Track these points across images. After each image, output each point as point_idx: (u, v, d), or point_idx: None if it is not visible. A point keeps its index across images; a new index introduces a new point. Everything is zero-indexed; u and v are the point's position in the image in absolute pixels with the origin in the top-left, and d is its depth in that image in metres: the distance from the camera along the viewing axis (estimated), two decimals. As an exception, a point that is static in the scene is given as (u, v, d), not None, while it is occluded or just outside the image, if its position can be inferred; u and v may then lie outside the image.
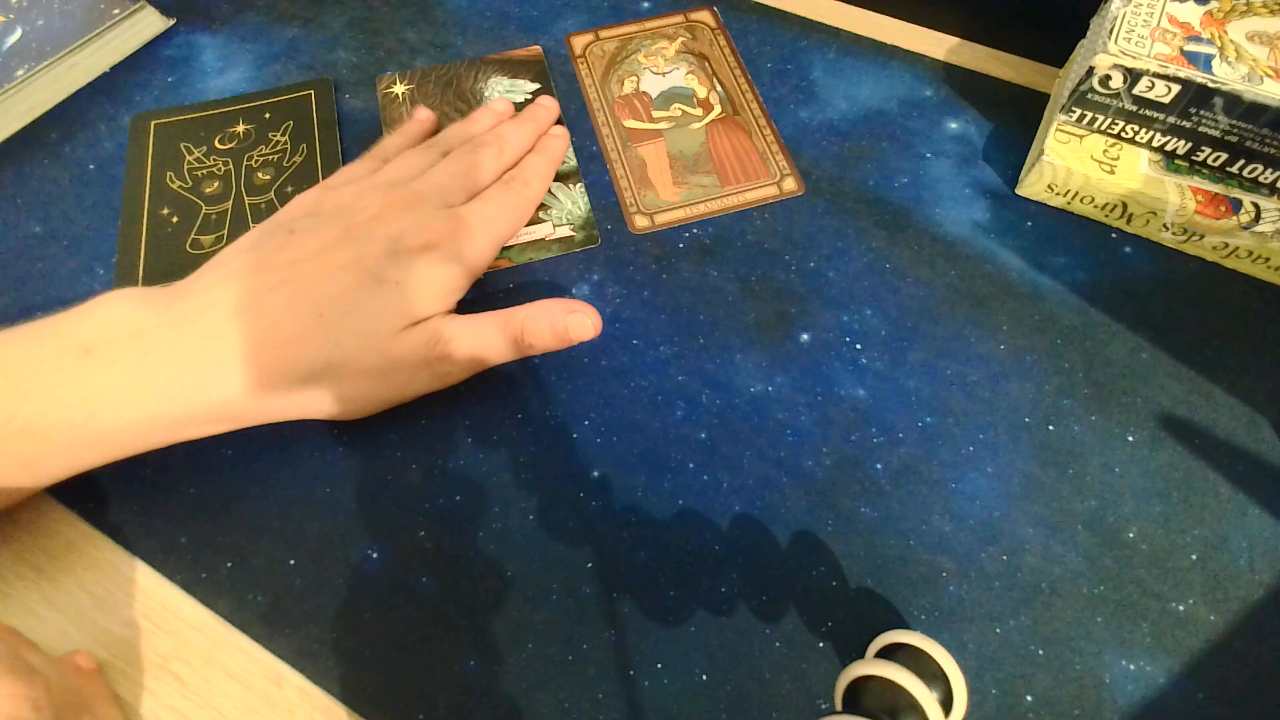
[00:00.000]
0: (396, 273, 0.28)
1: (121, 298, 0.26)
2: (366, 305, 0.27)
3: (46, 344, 0.25)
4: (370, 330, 0.27)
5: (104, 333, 0.25)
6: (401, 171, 0.32)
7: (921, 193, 0.35)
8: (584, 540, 0.27)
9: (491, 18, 0.42)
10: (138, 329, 0.25)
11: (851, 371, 0.31)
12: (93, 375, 0.25)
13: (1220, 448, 0.29)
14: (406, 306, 0.28)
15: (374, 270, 0.28)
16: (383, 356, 0.27)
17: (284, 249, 0.28)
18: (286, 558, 0.27)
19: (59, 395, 0.24)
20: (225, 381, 0.26)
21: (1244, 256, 0.32)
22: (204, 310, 0.26)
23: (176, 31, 0.42)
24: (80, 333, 0.25)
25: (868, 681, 0.21)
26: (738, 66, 0.40)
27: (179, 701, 0.25)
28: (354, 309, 0.27)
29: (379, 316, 0.27)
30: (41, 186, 0.36)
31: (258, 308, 0.26)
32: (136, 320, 0.26)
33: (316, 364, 0.27)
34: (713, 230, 0.35)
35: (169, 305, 0.26)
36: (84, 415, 0.24)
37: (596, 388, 0.30)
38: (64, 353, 0.25)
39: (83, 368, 0.25)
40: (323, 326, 0.27)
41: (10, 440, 0.24)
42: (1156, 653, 0.25)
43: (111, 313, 0.26)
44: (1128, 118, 0.32)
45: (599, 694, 0.25)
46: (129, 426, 0.25)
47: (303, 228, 0.29)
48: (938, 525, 0.28)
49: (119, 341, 0.25)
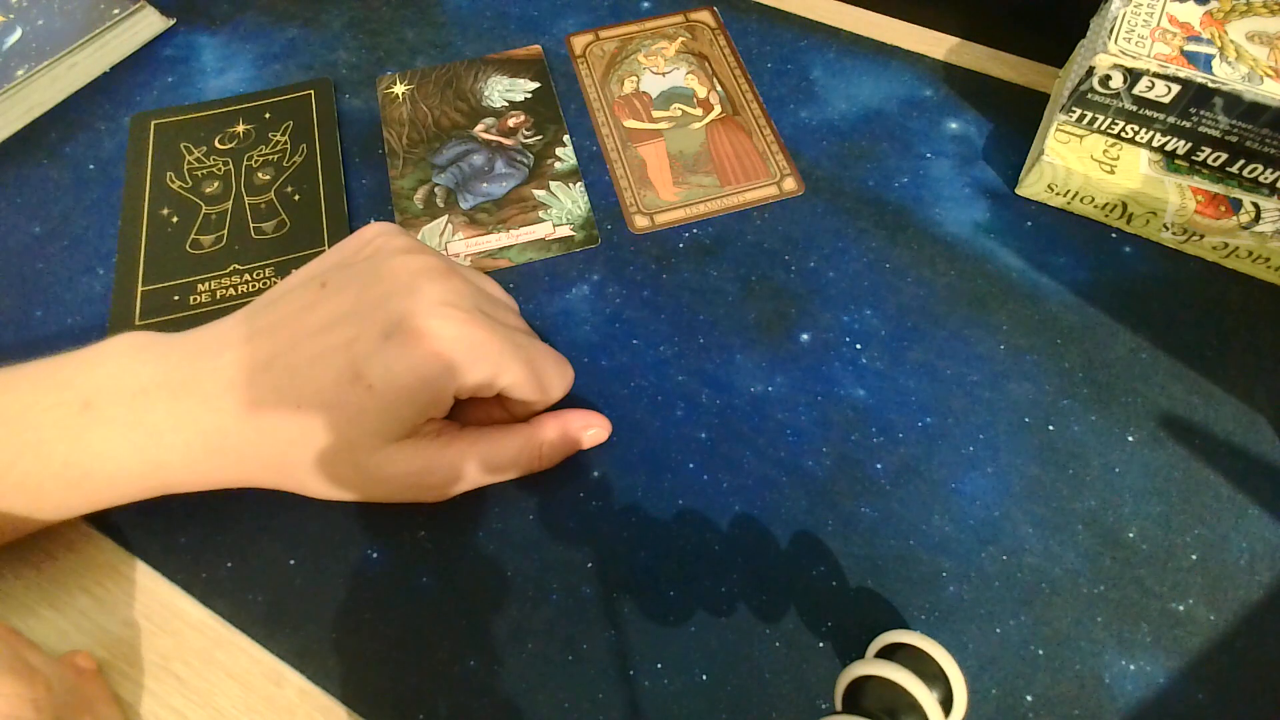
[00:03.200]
0: (378, 370, 0.24)
1: (128, 348, 0.26)
2: (341, 408, 0.24)
3: (47, 395, 0.25)
4: (343, 441, 0.25)
5: (105, 387, 0.25)
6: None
7: (921, 193, 0.35)
8: (584, 540, 0.27)
9: (491, 18, 0.42)
10: (140, 386, 0.25)
11: (851, 371, 0.31)
12: (90, 433, 0.24)
13: (1220, 448, 0.29)
14: (377, 424, 0.25)
15: (357, 363, 0.24)
16: (358, 471, 0.25)
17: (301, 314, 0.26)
18: (286, 558, 0.27)
19: (56, 452, 0.24)
20: (216, 453, 0.25)
21: (1244, 256, 0.32)
22: (205, 377, 0.25)
23: (176, 31, 0.42)
24: (82, 385, 0.25)
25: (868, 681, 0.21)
26: (738, 66, 0.40)
27: (179, 701, 0.25)
28: (330, 409, 0.24)
29: (351, 427, 0.25)
30: (41, 186, 0.36)
31: (249, 387, 0.25)
32: (141, 377, 0.25)
33: (299, 457, 0.25)
34: (713, 230, 0.35)
35: (175, 365, 0.26)
36: (79, 474, 0.24)
37: (596, 388, 0.30)
38: (64, 405, 0.24)
39: (81, 424, 0.24)
40: (301, 422, 0.25)
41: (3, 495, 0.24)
42: (1156, 653, 0.25)
43: (116, 366, 0.25)
44: (1128, 118, 0.32)
45: (599, 694, 0.25)
46: (120, 484, 0.25)
47: (334, 283, 0.26)
48: (938, 525, 0.28)
49: (119, 399, 0.25)
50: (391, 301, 0.25)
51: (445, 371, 0.24)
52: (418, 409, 0.25)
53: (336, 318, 0.25)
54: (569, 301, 0.33)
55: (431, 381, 0.24)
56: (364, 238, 0.28)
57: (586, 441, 0.29)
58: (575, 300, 0.33)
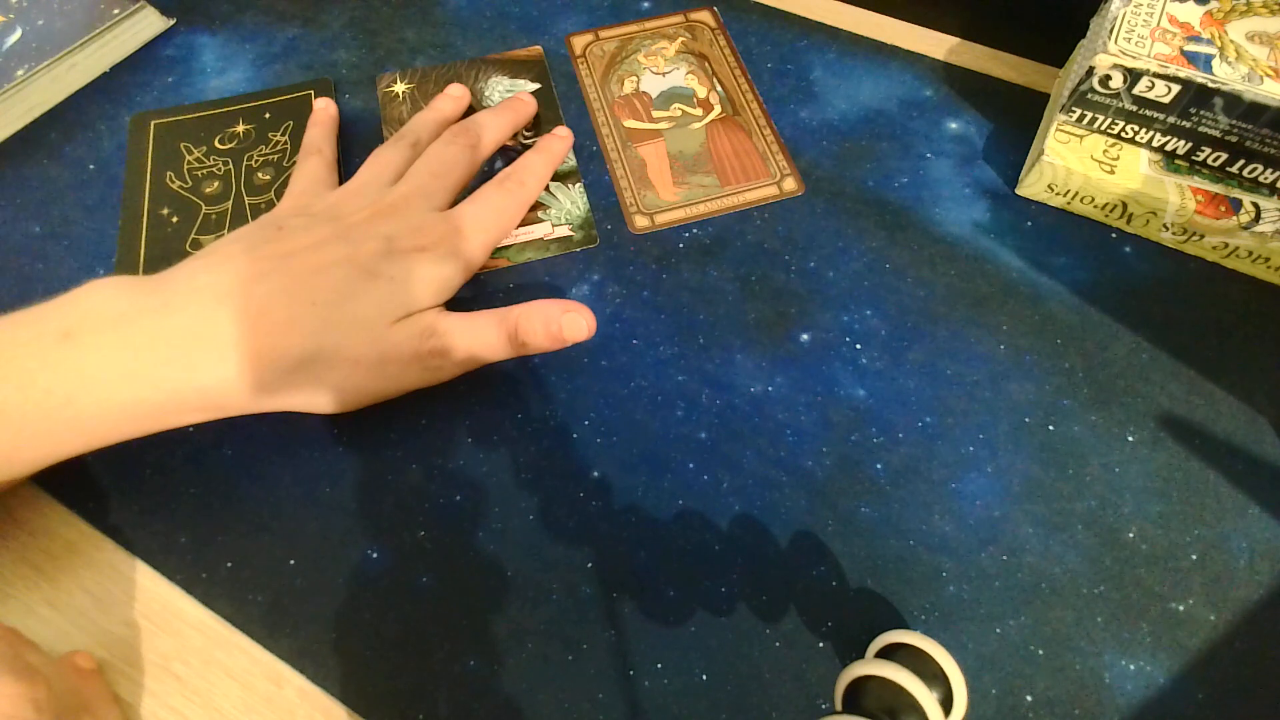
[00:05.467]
0: (391, 269, 0.28)
1: (106, 285, 0.26)
2: (360, 297, 0.27)
3: (25, 329, 0.24)
4: (363, 320, 0.27)
5: (85, 318, 0.25)
6: (379, 171, 0.32)
7: (921, 193, 0.35)
8: (584, 540, 0.27)
9: (491, 18, 0.42)
10: (120, 314, 0.25)
11: (851, 371, 0.31)
12: (72, 360, 0.24)
13: (1220, 448, 0.29)
14: (401, 299, 0.28)
15: (368, 266, 0.28)
16: (374, 346, 0.27)
17: (274, 243, 0.28)
18: (286, 558, 0.27)
19: (36, 380, 0.24)
20: (210, 367, 0.25)
21: (1244, 256, 0.32)
22: (189, 295, 0.26)
23: (176, 31, 0.42)
24: (61, 318, 0.25)
25: (868, 681, 0.21)
26: (738, 66, 0.40)
27: (179, 701, 0.25)
28: (348, 299, 0.27)
29: (373, 307, 0.27)
30: (41, 186, 0.36)
31: (245, 295, 0.26)
32: (119, 305, 0.25)
33: (306, 351, 0.26)
34: (713, 230, 0.35)
35: (153, 292, 0.26)
36: (61, 400, 0.24)
37: (596, 388, 0.30)
38: (42, 337, 0.24)
39: (61, 352, 0.24)
40: (315, 313, 0.26)
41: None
42: (1156, 653, 0.25)
43: (94, 299, 0.25)
44: (1128, 118, 0.32)
45: (599, 694, 0.25)
46: (108, 412, 0.25)
47: (293, 225, 0.29)
48: (938, 525, 0.28)
49: (100, 327, 0.25)
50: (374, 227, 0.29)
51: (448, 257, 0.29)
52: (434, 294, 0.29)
53: (320, 242, 0.28)
54: (569, 301, 0.33)
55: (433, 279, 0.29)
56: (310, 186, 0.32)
57: (566, 325, 0.28)
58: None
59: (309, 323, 0.26)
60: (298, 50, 0.41)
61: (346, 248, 0.28)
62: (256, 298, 0.26)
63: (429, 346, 0.28)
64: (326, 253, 0.28)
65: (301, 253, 0.28)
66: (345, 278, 0.27)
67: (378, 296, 0.27)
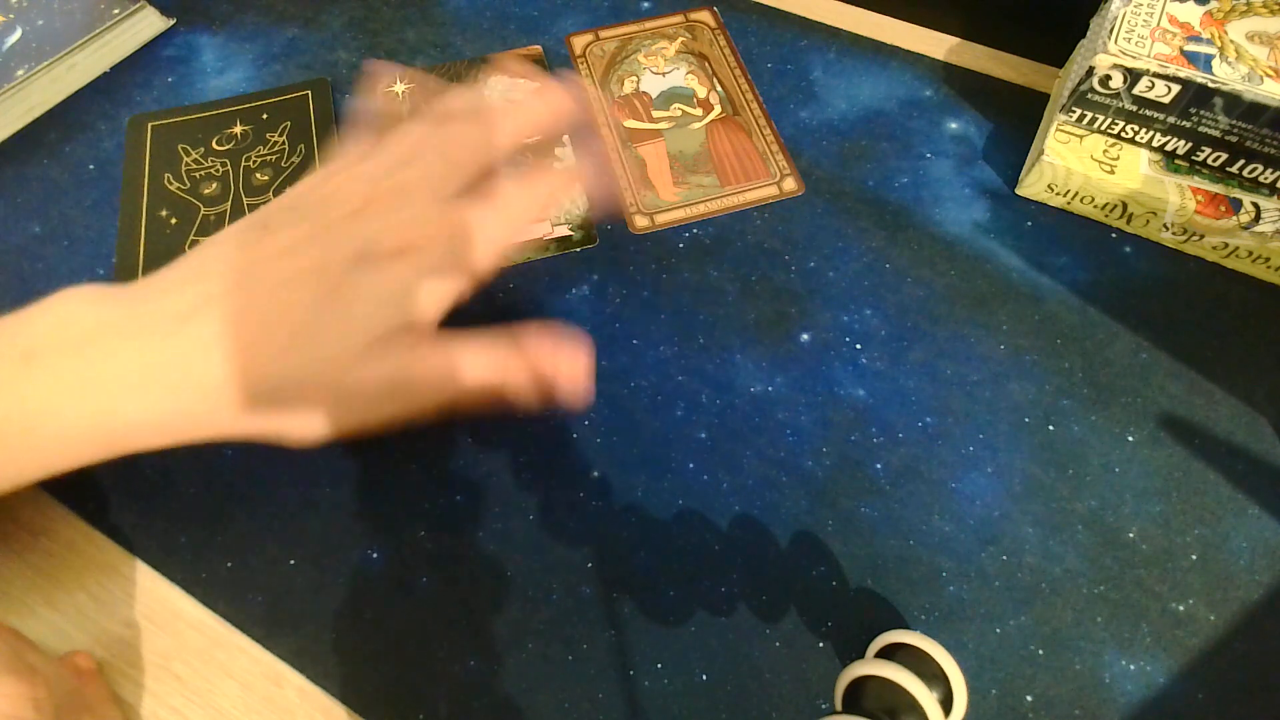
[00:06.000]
0: (356, 284, 0.24)
1: (76, 296, 0.24)
2: (318, 322, 0.24)
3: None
4: (321, 353, 0.24)
5: (49, 337, 0.23)
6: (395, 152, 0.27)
7: (921, 193, 0.35)
8: (584, 540, 0.27)
9: (491, 18, 0.42)
10: (84, 334, 0.23)
11: (851, 371, 0.31)
12: (30, 385, 0.23)
13: (1220, 448, 0.29)
14: (361, 326, 0.24)
15: (333, 280, 0.24)
16: (339, 377, 0.24)
17: (253, 247, 0.25)
18: (286, 558, 0.27)
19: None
20: (170, 394, 0.24)
21: (1244, 256, 0.32)
22: (160, 314, 0.24)
23: (176, 32, 0.42)
24: (25, 336, 0.23)
25: (868, 681, 0.21)
26: (738, 66, 0.40)
27: (179, 701, 0.25)
28: (305, 326, 0.24)
29: (331, 336, 0.24)
30: (41, 186, 0.36)
31: (211, 316, 0.24)
32: (85, 324, 0.24)
33: (268, 380, 0.24)
34: (713, 230, 0.35)
35: (123, 308, 0.24)
36: (18, 428, 0.23)
37: (596, 388, 0.30)
38: (2, 359, 0.23)
39: (20, 377, 0.23)
40: (277, 338, 0.24)
41: None
42: (1156, 653, 0.25)
43: (61, 314, 0.24)
44: (1128, 118, 0.32)
45: (599, 694, 0.25)
46: (68, 440, 0.24)
47: (277, 223, 0.26)
48: (938, 525, 0.28)
49: (64, 349, 0.23)
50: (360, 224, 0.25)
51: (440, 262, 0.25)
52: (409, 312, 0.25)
53: (292, 246, 0.25)
54: (568, 302, 0.33)
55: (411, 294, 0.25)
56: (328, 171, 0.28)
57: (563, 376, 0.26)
58: (575, 300, 0.33)
59: (270, 349, 0.24)
60: (298, 50, 0.41)
61: (319, 252, 0.25)
62: (221, 319, 0.24)
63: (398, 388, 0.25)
64: (298, 259, 0.25)
65: (274, 260, 0.25)
66: (305, 298, 0.24)
67: (336, 323, 0.24)
